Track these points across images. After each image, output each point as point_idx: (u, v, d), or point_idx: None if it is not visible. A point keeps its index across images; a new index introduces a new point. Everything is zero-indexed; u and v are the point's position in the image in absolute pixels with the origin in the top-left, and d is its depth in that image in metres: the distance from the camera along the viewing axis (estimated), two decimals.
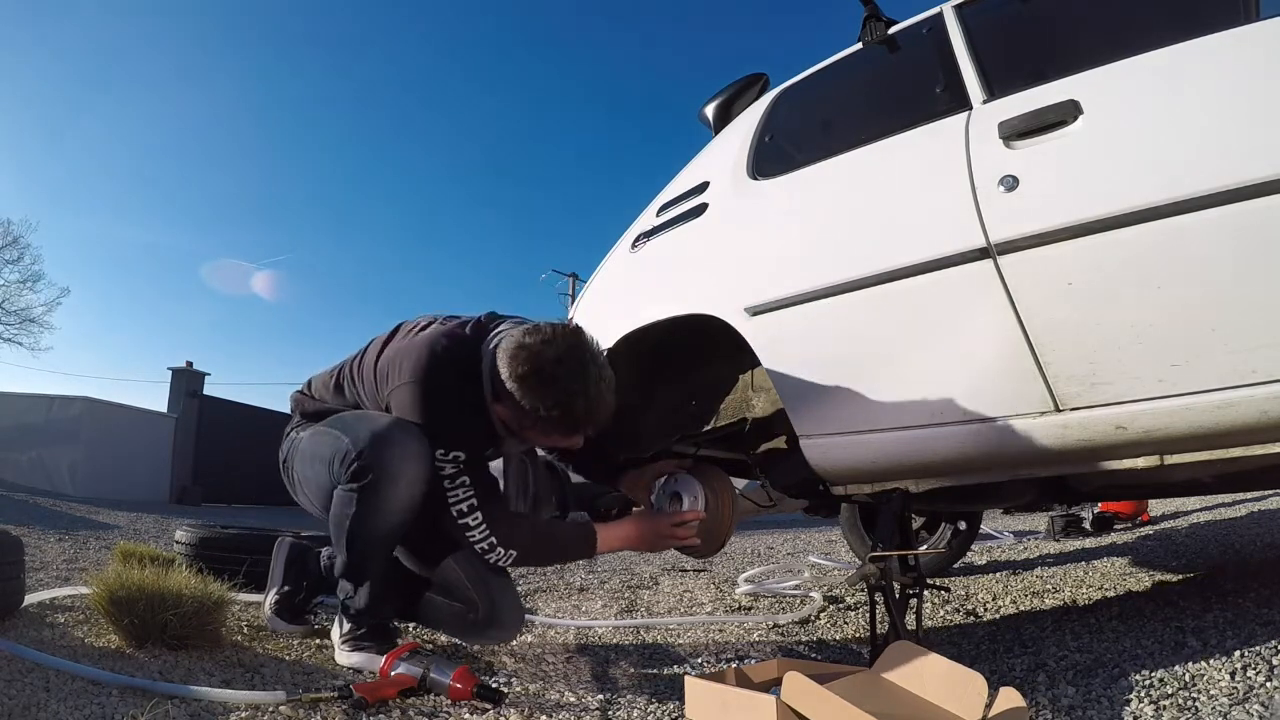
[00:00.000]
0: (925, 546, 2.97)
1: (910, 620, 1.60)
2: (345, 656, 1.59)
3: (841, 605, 2.53)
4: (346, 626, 1.61)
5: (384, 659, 1.45)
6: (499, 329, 1.56)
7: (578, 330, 1.47)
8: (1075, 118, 1.35)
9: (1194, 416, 1.23)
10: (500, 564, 1.55)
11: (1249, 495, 4.77)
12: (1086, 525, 4.48)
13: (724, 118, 2.22)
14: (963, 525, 2.98)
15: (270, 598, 1.88)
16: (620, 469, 1.93)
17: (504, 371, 1.43)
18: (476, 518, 1.49)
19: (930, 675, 1.19)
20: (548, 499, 1.86)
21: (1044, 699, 1.30)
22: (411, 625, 2.00)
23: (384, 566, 1.60)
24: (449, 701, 1.37)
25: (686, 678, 1.29)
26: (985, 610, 2.28)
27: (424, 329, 1.60)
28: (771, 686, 1.28)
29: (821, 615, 2.40)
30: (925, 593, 1.69)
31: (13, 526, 3.74)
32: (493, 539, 1.51)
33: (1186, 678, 1.31)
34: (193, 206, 58.22)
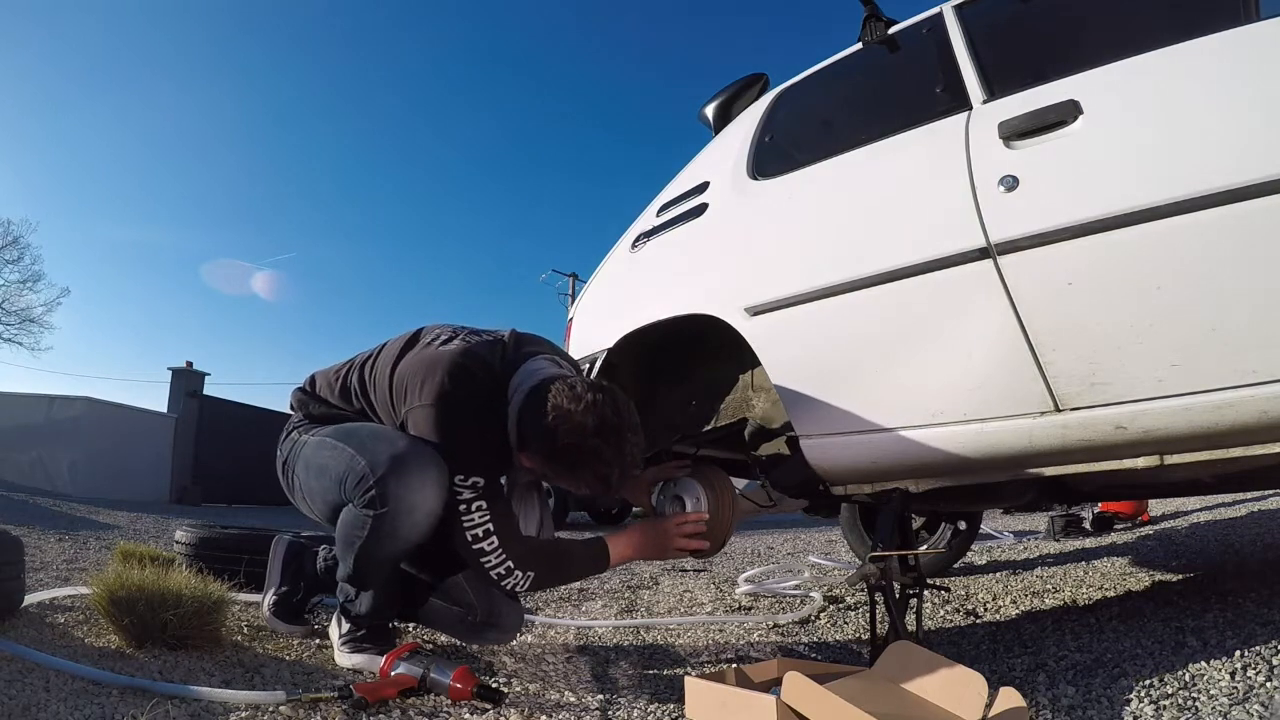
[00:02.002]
0: (925, 546, 2.97)
1: (910, 620, 1.60)
2: (345, 657, 1.59)
3: (841, 605, 2.53)
4: (346, 627, 1.61)
5: (384, 659, 1.45)
6: (528, 365, 1.51)
7: (613, 394, 1.42)
8: (1075, 118, 1.35)
9: (1194, 416, 1.23)
10: (516, 588, 1.50)
11: (1249, 495, 4.77)
12: (1086, 525, 4.49)
13: (724, 118, 2.22)
14: (963, 525, 2.98)
15: (268, 598, 1.88)
16: None
17: (541, 433, 1.39)
18: (492, 543, 1.45)
19: (930, 675, 1.19)
20: (546, 508, 1.84)
21: (1044, 699, 1.30)
22: (411, 625, 2.00)
23: (388, 577, 1.59)
24: (449, 701, 1.37)
25: (686, 678, 1.29)
26: (985, 610, 2.28)
27: (446, 343, 1.54)
28: (771, 686, 1.28)
29: (821, 615, 2.40)
30: (925, 593, 1.69)
31: (13, 526, 3.73)
32: (509, 563, 1.46)
33: (1186, 678, 1.31)
34: (192, 206, 58.42)
